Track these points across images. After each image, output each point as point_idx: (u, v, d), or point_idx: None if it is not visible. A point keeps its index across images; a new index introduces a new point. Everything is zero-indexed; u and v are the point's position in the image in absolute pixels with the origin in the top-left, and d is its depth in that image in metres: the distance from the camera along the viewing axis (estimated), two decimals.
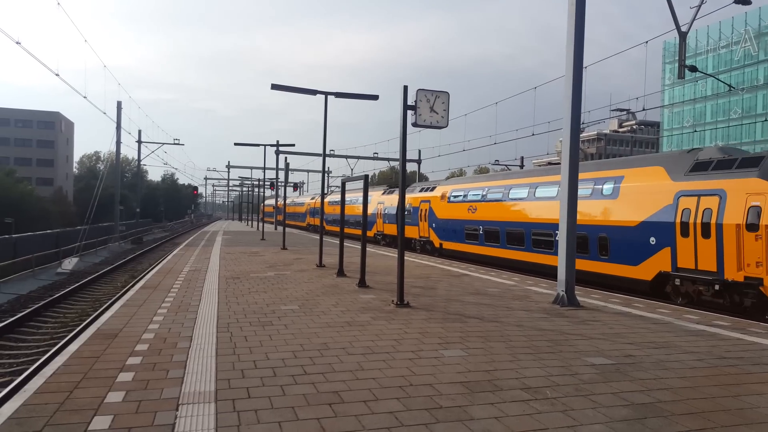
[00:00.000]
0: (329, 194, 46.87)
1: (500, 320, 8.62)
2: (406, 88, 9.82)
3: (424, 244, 27.35)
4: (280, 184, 36.76)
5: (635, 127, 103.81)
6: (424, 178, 56.31)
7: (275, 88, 15.29)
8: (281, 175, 33.95)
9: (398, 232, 10.33)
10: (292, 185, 63.51)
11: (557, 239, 16.43)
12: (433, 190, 27.36)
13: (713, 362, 6.48)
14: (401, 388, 5.18)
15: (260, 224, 44.34)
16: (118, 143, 43.05)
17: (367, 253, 12.47)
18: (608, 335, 7.77)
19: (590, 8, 10.49)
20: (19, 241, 32.50)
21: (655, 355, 6.74)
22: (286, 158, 31.87)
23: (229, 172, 67.94)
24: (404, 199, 10.40)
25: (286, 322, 8.09)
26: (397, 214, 10.12)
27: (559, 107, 11.75)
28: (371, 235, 33.37)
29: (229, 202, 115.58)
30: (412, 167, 51.81)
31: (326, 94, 15.78)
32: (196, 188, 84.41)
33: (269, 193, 54.36)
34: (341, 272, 13.99)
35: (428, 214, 26.97)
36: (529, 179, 20.52)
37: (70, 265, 25.54)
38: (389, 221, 31.44)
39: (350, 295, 10.88)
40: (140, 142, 49.69)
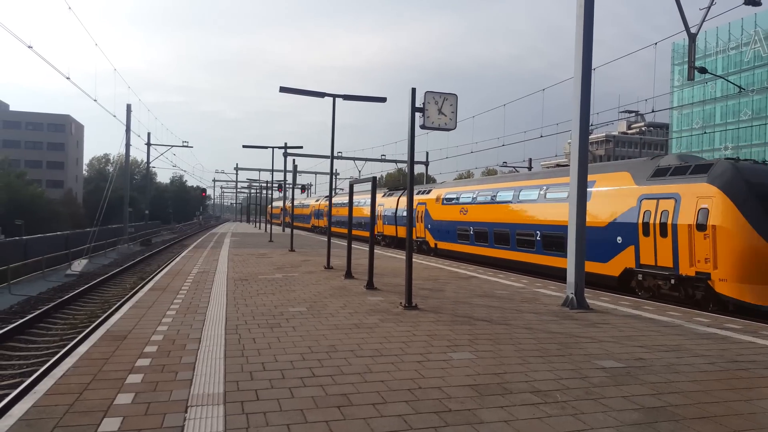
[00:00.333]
0: (335, 197, 47.69)
1: (509, 323, 8.58)
2: (414, 90, 9.78)
3: (420, 244, 28.29)
4: (288, 186, 36.83)
5: (644, 128, 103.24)
6: (431, 179, 56.19)
7: (284, 90, 15.35)
8: (289, 177, 34.07)
9: (407, 234, 10.31)
10: (300, 187, 63.78)
11: (538, 239, 18.71)
12: (428, 192, 28.40)
13: (725, 366, 6.42)
14: (410, 390, 5.17)
15: (268, 226, 44.49)
16: (127, 146, 43.36)
17: (374, 255, 12.47)
18: (618, 338, 7.72)
19: (599, 10, 10.46)
20: (29, 242, 32.76)
21: (665, 358, 6.68)
22: (294, 160, 31.98)
23: (237, 174, 68.22)
24: (412, 201, 10.36)
25: (294, 324, 8.09)
26: (407, 216, 10.15)
27: (567, 109, 11.71)
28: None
29: (237, 204, 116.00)
30: (419, 169, 51.87)
31: (334, 96, 15.78)
32: (204, 190, 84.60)
33: (277, 195, 54.57)
34: (349, 274, 13.99)
35: (424, 215, 28.05)
36: (513, 183, 21.76)
37: (79, 266, 25.73)
38: (388, 222, 32.64)
39: (358, 297, 10.87)
40: (149, 144, 50.04)
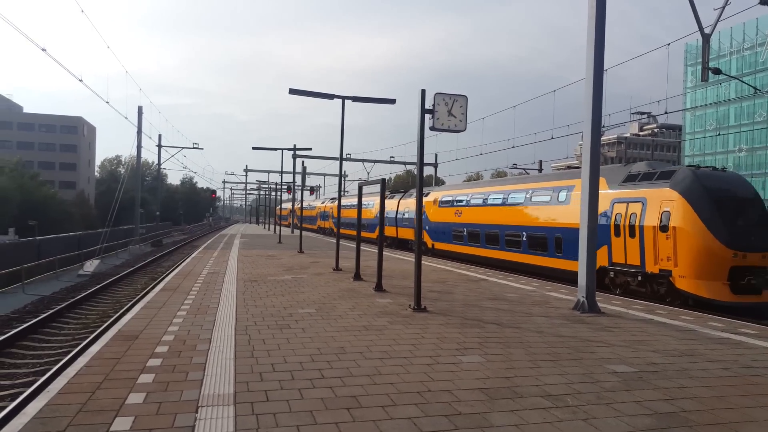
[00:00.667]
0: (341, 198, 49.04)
1: (519, 326, 8.53)
2: (423, 92, 9.75)
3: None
4: (297, 187, 36.98)
5: (656, 130, 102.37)
6: (440, 181, 56.09)
7: (293, 92, 15.38)
8: (298, 178, 34.19)
9: (416, 236, 10.29)
10: (309, 189, 64.00)
11: (524, 239, 19.99)
12: (427, 195, 29.63)
13: (740, 371, 6.33)
14: (419, 393, 5.15)
15: (277, 227, 44.69)
16: (138, 147, 43.71)
17: (382, 256, 12.45)
18: (630, 342, 7.65)
19: (610, 10, 10.36)
20: (42, 243, 33.11)
21: (678, 363, 6.61)
22: (303, 162, 32.13)
23: (246, 175, 68.49)
24: (421, 203, 10.34)
25: (303, 325, 8.10)
26: (416, 218, 10.16)
27: (578, 110, 11.65)
28: (374, 236, 36.11)
29: (246, 205, 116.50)
30: (428, 171, 51.79)
31: (343, 98, 15.77)
32: (214, 192, 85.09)
33: (286, 197, 54.77)
34: (358, 276, 13.99)
35: (422, 217, 28.33)
36: (502, 187, 23.10)
37: (91, 267, 25.94)
38: (389, 224, 34.32)
39: (367, 299, 10.87)
40: (160, 146, 50.42)
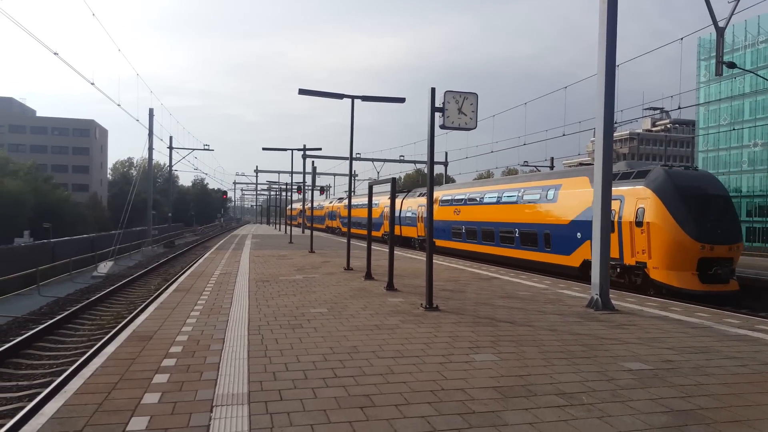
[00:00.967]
0: (346, 199, 49.84)
1: (533, 324, 8.49)
2: (433, 90, 9.71)
3: (421, 242, 30.81)
4: (307, 188, 37.09)
5: (669, 126, 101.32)
6: (450, 180, 55.93)
7: (303, 92, 15.40)
8: (308, 178, 34.28)
9: (426, 234, 10.26)
10: (319, 189, 64.22)
11: (516, 236, 21.36)
12: None
13: (757, 368, 6.25)
14: (432, 392, 5.14)
15: (288, 227, 44.86)
16: (150, 149, 44.00)
17: (393, 255, 12.44)
18: (645, 340, 7.58)
19: (622, 5, 10.26)
20: (57, 245, 33.52)
21: (694, 360, 6.54)
22: (313, 162, 32.21)
23: (257, 176, 68.88)
24: (432, 202, 10.29)
25: (315, 324, 8.11)
26: (427, 217, 10.15)
27: (590, 106, 11.56)
28: (379, 235, 36.45)
29: (257, 206, 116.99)
30: (439, 169, 51.70)
31: (353, 97, 15.76)
32: (225, 193, 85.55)
33: (296, 197, 54.99)
34: (369, 275, 14.00)
35: (424, 216, 30.55)
36: (497, 186, 24.35)
37: (105, 268, 26.21)
38: (395, 223, 34.40)
39: (378, 298, 10.86)
40: (171, 148, 50.78)
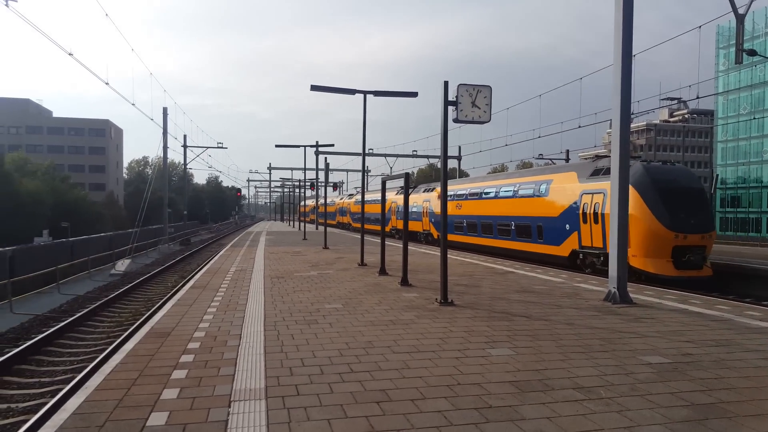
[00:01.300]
0: (356, 195, 55.09)
1: (549, 318, 8.43)
2: (446, 83, 9.65)
3: (426, 236, 32.61)
4: (320, 184, 37.17)
5: (687, 116, 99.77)
6: (464, 174, 55.73)
7: (315, 89, 15.40)
8: (321, 175, 34.34)
9: (441, 230, 10.22)
10: (332, 185, 64.44)
11: (512, 228, 22.79)
12: (432, 191, 32.23)
13: None
14: (449, 387, 5.13)
15: (301, 224, 45.07)
16: (165, 148, 44.44)
17: (407, 251, 12.42)
18: (664, 333, 7.49)
19: None
20: (75, 244, 33.98)
21: (715, 353, 6.45)
22: (326, 158, 32.21)
23: (270, 173, 69.05)
24: (446, 197, 10.22)
25: (330, 320, 8.14)
26: (441, 212, 10.15)
27: (606, 97, 11.41)
28: (387, 230, 36.58)
29: (271, 203, 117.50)
30: (452, 164, 51.43)
31: (365, 93, 15.75)
32: (239, 190, 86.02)
33: (310, 193, 55.23)
34: (383, 271, 14.00)
35: (428, 210, 32.41)
36: (495, 182, 25.78)
37: (123, 266, 26.52)
38: (399, 217, 35.84)
39: (393, 293, 10.86)
40: (186, 146, 51.21)
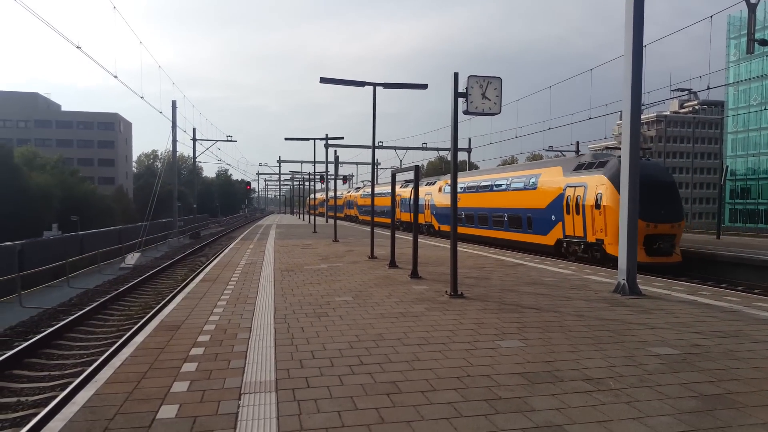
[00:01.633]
0: (362, 188, 56.58)
1: (558, 310, 8.42)
2: (456, 75, 9.59)
3: (428, 227, 33.61)
4: (330, 177, 37.21)
5: (697, 107, 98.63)
6: (474, 166, 55.53)
7: (324, 81, 15.36)
8: (331, 168, 34.38)
9: (451, 223, 10.20)
10: (341, 178, 64.51)
11: (505, 220, 24.22)
12: (434, 184, 33.46)
13: None
14: (458, 378, 5.14)
15: (311, 217, 45.18)
16: (174, 141, 44.51)
17: (417, 243, 12.42)
18: (673, 324, 7.46)
19: None
20: (85, 237, 34.27)
21: (723, 344, 6.42)
22: (335, 151, 32.20)
23: (280, 166, 69.33)
24: (456, 190, 10.17)
25: (340, 313, 8.17)
26: (451, 204, 10.15)
27: (616, 89, 11.31)
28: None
29: (280, 196, 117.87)
30: (462, 156, 51.26)
31: (374, 85, 15.70)
32: (249, 183, 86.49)
33: (319, 186, 55.36)
34: (393, 263, 14.02)
35: (430, 203, 33.51)
36: (490, 175, 26.93)
37: (132, 260, 26.68)
38: (404, 210, 37.55)
39: (403, 286, 10.88)
40: (195, 139, 51.32)
